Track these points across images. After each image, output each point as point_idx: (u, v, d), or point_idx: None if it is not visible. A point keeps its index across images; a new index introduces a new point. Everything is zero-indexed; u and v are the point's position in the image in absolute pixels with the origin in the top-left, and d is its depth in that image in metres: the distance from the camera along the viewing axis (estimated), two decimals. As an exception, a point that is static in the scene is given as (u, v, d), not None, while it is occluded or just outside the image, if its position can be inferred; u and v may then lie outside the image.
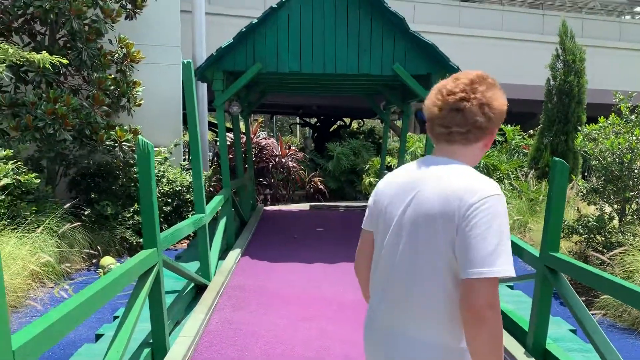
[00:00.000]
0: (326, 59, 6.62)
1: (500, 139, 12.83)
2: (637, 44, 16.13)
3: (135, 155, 7.15)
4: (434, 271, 1.41)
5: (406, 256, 1.46)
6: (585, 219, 6.23)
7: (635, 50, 16.07)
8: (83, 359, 3.53)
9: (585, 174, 10.11)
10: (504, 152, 12.27)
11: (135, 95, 7.47)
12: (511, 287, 5.52)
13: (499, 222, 1.32)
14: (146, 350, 3.50)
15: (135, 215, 7.15)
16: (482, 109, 1.48)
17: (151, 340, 3.61)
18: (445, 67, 6.60)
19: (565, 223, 6.32)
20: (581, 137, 6.52)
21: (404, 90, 8.56)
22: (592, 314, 3.98)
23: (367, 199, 12.45)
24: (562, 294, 3.36)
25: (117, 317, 4.39)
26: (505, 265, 1.29)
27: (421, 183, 1.48)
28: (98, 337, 3.98)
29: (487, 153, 11.37)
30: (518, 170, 11.11)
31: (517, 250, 4.12)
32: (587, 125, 6.69)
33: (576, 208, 7.05)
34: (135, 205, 7.21)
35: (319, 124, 21.58)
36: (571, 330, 4.23)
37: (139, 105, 7.64)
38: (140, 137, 3.43)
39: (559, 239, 3.59)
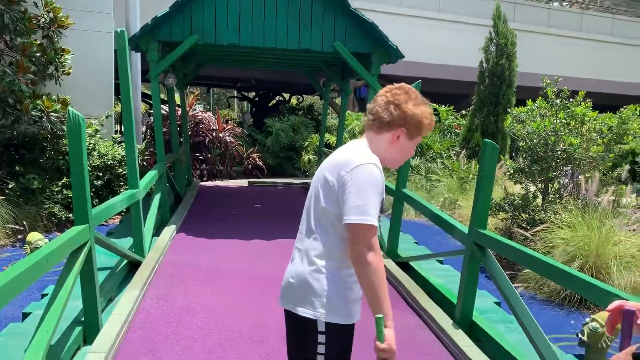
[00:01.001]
0: (266, 32, 6.52)
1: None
2: (564, 30, 16.93)
3: (64, 127, 6.84)
4: (329, 218, 1.79)
5: (312, 207, 1.87)
6: (512, 197, 6.58)
7: (562, 36, 16.86)
8: (9, 339, 3.39)
9: (513, 154, 10.62)
10: (437, 132, 12.64)
11: (63, 64, 7.09)
12: (441, 262, 5.75)
13: (370, 183, 1.70)
14: (77, 329, 3.41)
15: (64, 190, 6.86)
16: (388, 106, 1.84)
17: (83, 319, 3.51)
18: (385, 47, 6.67)
19: (493, 201, 6.63)
20: (510, 119, 6.82)
21: (344, 68, 8.60)
22: (515, 287, 4.23)
23: (306, 175, 12.55)
24: (488, 269, 3.55)
25: (46, 294, 4.23)
26: (370, 217, 1.67)
27: (328, 158, 1.91)
28: (25, 315, 3.82)
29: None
30: (450, 150, 11.50)
31: (447, 227, 4.30)
32: (516, 107, 7.00)
33: (503, 187, 7.40)
34: (65, 179, 6.90)
35: (257, 98, 21.32)
36: (496, 303, 4.49)
37: (68, 74, 7.26)
38: (70, 108, 3.27)
39: (487, 217, 3.77)
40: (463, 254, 3.94)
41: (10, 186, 6.42)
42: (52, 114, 6.53)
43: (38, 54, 6.66)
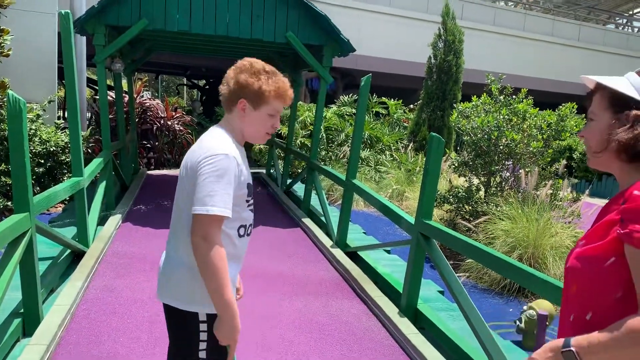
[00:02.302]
0: (218, 20, 6.43)
1: (383, 112, 13.39)
2: (508, 29, 17.50)
3: (2, 111, 6.52)
4: (185, 208, 1.79)
5: (177, 196, 1.87)
6: (456, 189, 6.79)
7: (506, 35, 17.43)
8: (-59, 332, 3.24)
9: (458, 148, 10.93)
10: (387, 125, 12.85)
11: (2, 45, 6.74)
12: (388, 252, 5.89)
13: (216, 174, 1.69)
14: (16, 321, 3.30)
15: (2, 177, 6.55)
16: (228, 81, 1.86)
17: (22, 310, 3.40)
18: (337, 40, 6.72)
19: (438, 193, 6.83)
20: (456, 114, 7.02)
21: (296, 58, 8.59)
22: (458, 276, 4.39)
23: (257, 165, 12.47)
24: (433, 259, 3.67)
25: (-18, 286, 4.06)
26: (215, 208, 1.66)
27: (194, 145, 1.89)
28: (-41, 307, 3.66)
29: (371, 125, 11.85)
30: (399, 142, 11.72)
31: (395, 217, 4.40)
32: (462, 103, 7.22)
33: (448, 179, 7.63)
34: (3, 165, 6.59)
35: (208, 86, 20.98)
36: (439, 292, 4.64)
37: (7, 55, 6.90)
38: (10, 91, 3.14)
39: (432, 208, 3.89)
40: (409, 244, 4.05)
41: (-58, 172, 6.08)
42: (-11, 97, 6.22)
43: (-26, 34, 6.32)
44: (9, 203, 6.49)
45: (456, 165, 7.04)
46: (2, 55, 6.84)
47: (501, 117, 6.42)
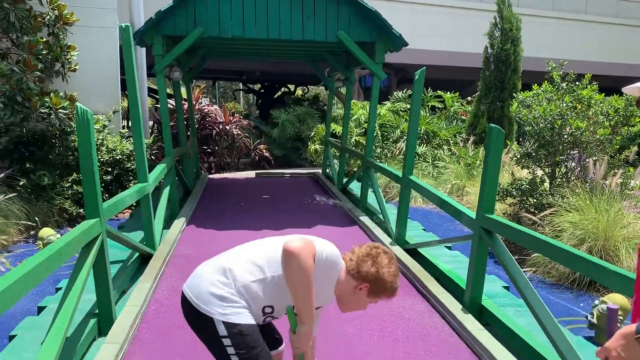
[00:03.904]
0: (270, 24, 6.53)
1: (439, 106, 13.15)
2: (568, 13, 16.76)
3: (72, 123, 6.89)
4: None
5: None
6: (519, 182, 6.57)
7: (567, 19, 16.70)
8: (25, 332, 3.45)
9: (520, 139, 10.58)
10: (443, 119, 12.61)
11: (70, 60, 7.14)
12: (449, 248, 5.78)
13: None
14: (92, 321, 3.47)
15: (74, 185, 6.93)
16: (367, 260, 2.01)
17: (97, 311, 3.57)
18: (389, 35, 6.66)
19: (500, 186, 6.64)
20: (516, 103, 6.80)
21: (348, 57, 8.58)
22: (524, 271, 4.25)
23: (313, 165, 12.57)
24: (496, 253, 3.57)
25: (60, 288, 4.30)
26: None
27: None
28: (40, 309, 3.89)
29: (427, 120, 11.67)
30: (457, 136, 11.47)
31: (454, 212, 4.32)
32: (522, 92, 6.98)
33: (510, 172, 7.40)
34: (74, 174, 6.97)
35: (263, 90, 21.31)
36: (505, 287, 4.51)
37: (74, 70, 7.31)
38: (78, 104, 3.31)
39: (494, 202, 3.79)
40: (471, 240, 3.96)
41: (21, 183, 6.49)
42: (60, 110, 6.58)
43: (44, 52, 6.70)
44: (81, 210, 6.84)
45: (518, 156, 6.82)
46: (70, 70, 7.24)
47: (564, 104, 6.16)
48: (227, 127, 12.67)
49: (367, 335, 3.58)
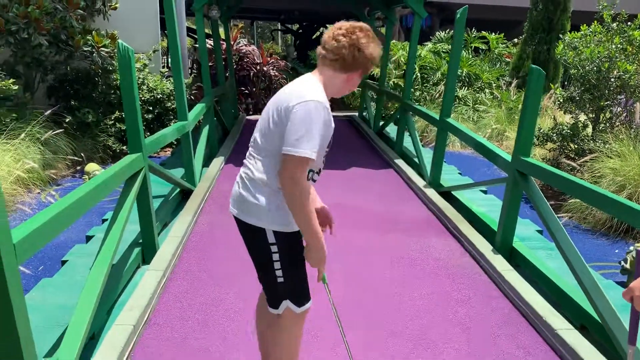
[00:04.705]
0: (308, -40, 6.38)
1: (483, 48, 12.71)
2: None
3: (113, 62, 7.02)
4: (274, 143, 1.90)
5: (263, 131, 1.97)
6: (560, 127, 6.40)
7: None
8: (75, 258, 3.70)
9: (566, 83, 10.20)
10: (487, 61, 12.21)
11: (110, -2, 7.19)
12: (485, 192, 5.77)
13: (307, 119, 1.78)
14: (136, 250, 3.68)
15: (117, 123, 7.14)
16: (352, 49, 1.89)
17: (141, 240, 3.78)
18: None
19: (541, 131, 6.49)
20: (562, 45, 6.53)
21: (388, -5, 8.35)
22: (559, 217, 4.24)
23: (349, 108, 12.49)
24: (530, 196, 3.56)
25: (106, 220, 4.55)
26: (303, 150, 1.77)
27: (283, 88, 1.99)
28: (88, 238, 4.14)
29: (469, 62, 11.33)
30: (500, 80, 11.14)
31: (490, 155, 4.29)
32: (570, 33, 6.68)
33: (553, 116, 7.20)
34: (117, 112, 7.17)
35: (301, 30, 20.99)
36: (538, 231, 4.51)
37: (115, 8, 7.37)
38: (120, 41, 3.38)
39: (530, 144, 3.74)
40: (505, 182, 3.95)
41: (67, 120, 6.73)
42: (102, 49, 6.70)
43: (86, -11, 6.77)
44: (124, 147, 7.08)
45: (561, 101, 6.61)
46: (111, 8, 7.30)
47: (613, 46, 5.89)
48: (265, 68, 12.63)
49: (398, 272, 3.68)
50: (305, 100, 1.80)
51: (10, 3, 5.90)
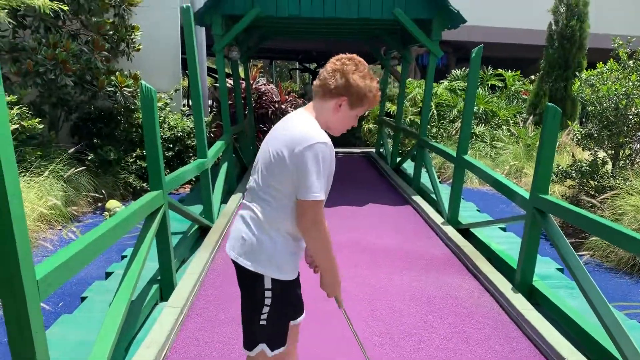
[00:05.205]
0: (326, 2, 6.55)
1: (499, 85, 12.79)
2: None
3: (136, 101, 7.22)
4: (283, 187, 1.91)
5: (265, 172, 1.95)
6: (579, 163, 6.37)
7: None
8: (95, 295, 3.74)
9: (583, 120, 10.17)
10: (503, 98, 12.26)
11: (134, 40, 7.44)
12: (504, 229, 5.72)
13: (318, 163, 1.82)
14: (155, 286, 3.70)
15: (137, 160, 7.28)
16: (335, 75, 1.92)
17: (159, 277, 3.81)
18: (447, 12, 6.54)
19: (560, 168, 6.46)
20: (579, 83, 6.56)
21: (404, 34, 8.49)
22: (580, 255, 4.17)
23: (366, 145, 12.57)
24: (549, 234, 3.53)
25: (125, 256, 4.60)
26: (319, 194, 1.83)
27: (278, 126, 2.01)
28: (108, 274, 4.19)
29: (485, 99, 11.39)
30: (517, 116, 11.15)
31: (508, 192, 4.27)
32: (586, 70, 6.71)
33: (571, 153, 7.17)
34: (138, 150, 7.32)
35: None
36: (559, 269, 4.44)
37: (138, 50, 7.62)
38: (143, 82, 3.49)
39: (548, 182, 3.72)
40: (524, 220, 3.92)
41: (89, 157, 6.89)
42: (125, 89, 6.90)
43: (111, 32, 7.02)
44: (144, 184, 7.20)
45: (579, 137, 6.60)
46: (134, 50, 7.55)
47: (630, 83, 5.89)
48: (283, 106, 12.81)
49: (416, 311, 3.64)
50: (309, 144, 1.81)
51: (39, 46, 6.14)
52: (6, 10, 5.44)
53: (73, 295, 4.12)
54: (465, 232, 5.32)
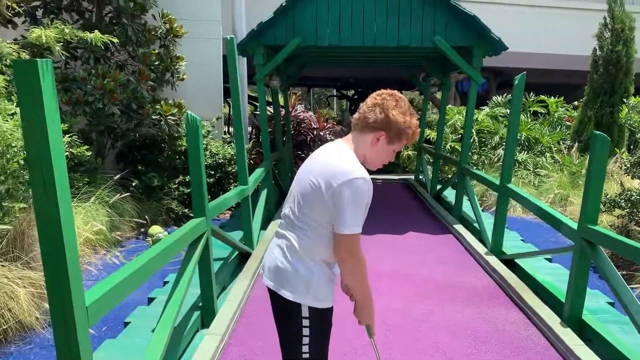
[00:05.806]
0: (366, 32, 6.63)
1: (542, 111, 12.56)
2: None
3: (179, 129, 7.41)
4: (321, 219, 1.93)
5: (301, 202, 1.96)
6: (629, 192, 6.14)
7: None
8: (138, 320, 3.79)
9: (631, 147, 9.85)
10: (546, 125, 12.02)
11: (178, 70, 7.67)
12: (549, 260, 5.53)
13: (357, 198, 1.83)
14: (196, 313, 3.73)
15: (180, 187, 7.43)
16: (374, 109, 1.95)
17: (201, 304, 3.84)
18: (487, 39, 6.52)
19: (608, 197, 6.25)
20: (626, 109, 6.37)
21: (445, 61, 8.47)
22: (633, 288, 4.00)
23: (405, 171, 12.50)
24: (599, 266, 3.40)
25: (167, 282, 4.66)
26: (357, 227, 1.86)
27: (316, 156, 2.04)
28: (150, 300, 4.25)
29: (528, 126, 11.20)
30: (561, 143, 10.90)
31: (554, 222, 4.15)
32: (634, 96, 6.52)
33: (619, 182, 6.93)
34: (180, 176, 7.48)
35: (356, 96, 21.49)
36: (609, 303, 4.26)
37: (182, 79, 7.84)
38: (189, 112, 3.59)
39: (597, 212, 3.60)
40: (571, 251, 3.79)
41: (134, 184, 7.07)
42: (169, 117, 7.10)
43: (156, 63, 7.27)
44: (186, 210, 7.32)
45: (628, 165, 6.38)
46: (179, 79, 7.78)
47: (682, 109, 5.69)
48: (321, 133, 12.92)
49: (459, 346, 3.54)
50: (348, 179, 1.83)
51: (89, 76, 6.40)
52: (61, 44, 5.70)
53: (116, 320, 4.19)
54: (510, 263, 5.18)
